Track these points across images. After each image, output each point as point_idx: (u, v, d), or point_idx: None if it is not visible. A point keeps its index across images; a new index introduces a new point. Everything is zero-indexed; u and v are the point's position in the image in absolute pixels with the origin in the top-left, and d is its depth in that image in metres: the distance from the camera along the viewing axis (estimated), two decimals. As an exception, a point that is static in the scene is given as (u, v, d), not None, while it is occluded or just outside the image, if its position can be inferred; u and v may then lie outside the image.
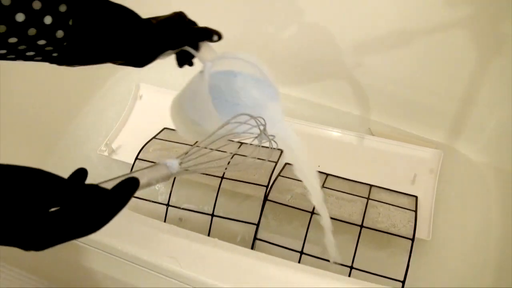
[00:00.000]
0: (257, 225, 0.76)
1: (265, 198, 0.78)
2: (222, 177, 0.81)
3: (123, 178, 0.37)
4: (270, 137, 0.52)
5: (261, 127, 0.50)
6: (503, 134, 0.89)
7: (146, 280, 0.55)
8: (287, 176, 0.85)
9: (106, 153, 0.98)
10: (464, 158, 0.96)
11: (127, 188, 0.36)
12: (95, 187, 0.34)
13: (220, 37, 0.50)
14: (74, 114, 1.09)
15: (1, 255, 0.65)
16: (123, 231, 0.55)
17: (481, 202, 0.89)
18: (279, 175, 0.85)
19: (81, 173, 0.35)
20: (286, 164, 0.90)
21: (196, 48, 0.50)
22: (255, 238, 0.76)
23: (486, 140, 0.94)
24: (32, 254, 0.30)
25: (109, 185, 0.36)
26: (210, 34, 0.49)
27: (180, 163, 0.46)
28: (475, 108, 0.92)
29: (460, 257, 0.82)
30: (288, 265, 0.52)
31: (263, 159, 0.52)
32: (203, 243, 0.54)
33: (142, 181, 0.40)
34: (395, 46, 0.92)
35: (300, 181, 0.83)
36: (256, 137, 0.51)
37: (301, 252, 0.74)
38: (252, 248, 0.76)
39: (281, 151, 0.91)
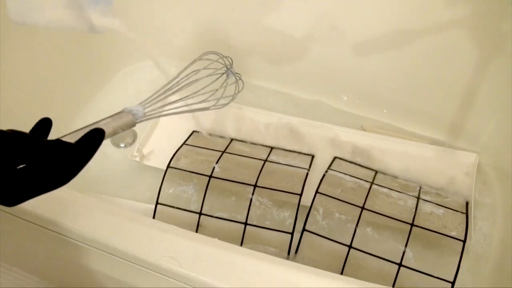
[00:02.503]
0: (292, 233, 0.76)
1: (298, 206, 0.77)
2: (255, 186, 0.80)
3: (88, 129, 0.39)
4: (237, 75, 0.55)
5: (228, 65, 0.54)
6: (503, 134, 0.89)
7: (146, 280, 0.55)
8: (337, 170, 0.85)
9: (137, 159, 0.95)
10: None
11: (92, 140, 0.37)
12: (59, 142, 0.35)
13: None
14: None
15: (1, 255, 0.65)
16: (123, 231, 0.55)
17: (482, 200, 0.89)
18: (329, 168, 0.85)
19: (45, 123, 0.37)
20: (335, 158, 0.89)
21: None
22: (303, 230, 0.75)
23: (486, 140, 0.93)
24: (32, 254, 0.30)
25: (76, 137, 0.37)
26: None
27: (144, 108, 0.48)
28: (475, 108, 0.92)
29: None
30: (289, 265, 0.52)
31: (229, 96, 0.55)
32: (203, 243, 0.54)
33: (108, 131, 0.42)
34: (393, 46, 0.92)
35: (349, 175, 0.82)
36: (222, 74, 0.54)
37: (350, 246, 0.74)
38: (298, 245, 0.75)
39: (312, 157, 0.89)
